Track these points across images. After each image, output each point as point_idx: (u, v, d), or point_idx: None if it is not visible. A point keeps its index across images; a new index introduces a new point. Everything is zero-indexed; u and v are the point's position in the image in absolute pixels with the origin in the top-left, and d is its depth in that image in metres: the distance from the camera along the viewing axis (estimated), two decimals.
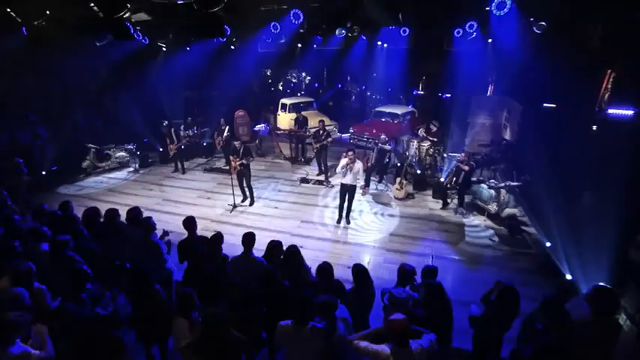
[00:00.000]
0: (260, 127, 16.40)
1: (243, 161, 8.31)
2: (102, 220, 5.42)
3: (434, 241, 7.23)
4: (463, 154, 8.28)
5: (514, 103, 10.21)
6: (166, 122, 10.95)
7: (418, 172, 9.71)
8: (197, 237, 5.13)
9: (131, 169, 11.52)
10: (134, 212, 5.35)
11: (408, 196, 9.17)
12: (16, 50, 8.95)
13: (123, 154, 11.47)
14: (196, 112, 13.96)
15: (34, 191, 8.70)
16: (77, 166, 10.66)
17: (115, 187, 10.25)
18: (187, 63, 13.05)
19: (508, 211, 7.70)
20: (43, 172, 9.84)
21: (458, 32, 9.30)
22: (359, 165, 7.16)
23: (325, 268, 4.10)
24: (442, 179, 9.03)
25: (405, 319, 2.97)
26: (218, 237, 4.75)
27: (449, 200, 8.76)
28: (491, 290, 3.87)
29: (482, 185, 8.20)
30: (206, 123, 13.32)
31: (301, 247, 4.47)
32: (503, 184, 7.72)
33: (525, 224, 7.86)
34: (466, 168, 8.10)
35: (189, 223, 5.12)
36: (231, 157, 8.54)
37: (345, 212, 7.69)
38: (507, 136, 10.53)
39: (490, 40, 9.96)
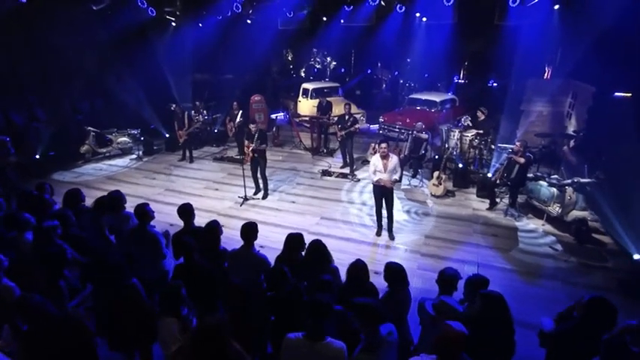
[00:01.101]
0: (279, 115, 16.04)
1: (257, 146, 8.01)
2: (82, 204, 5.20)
3: (478, 246, 6.72)
4: (518, 144, 7.55)
5: (583, 86, 9.37)
6: (175, 105, 10.73)
7: (460, 166, 9.13)
8: (194, 228, 4.81)
9: (134, 156, 11.44)
10: (114, 196, 5.07)
11: (448, 194, 8.71)
12: (13, 24, 8.86)
13: (126, 139, 11.37)
14: (207, 96, 13.75)
15: (27, 177, 8.62)
16: (76, 151, 10.64)
17: (114, 175, 10.16)
18: (199, 40, 12.87)
19: (575, 213, 6.91)
20: (38, 156, 9.74)
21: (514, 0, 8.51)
22: (395, 160, 6.40)
23: (357, 268, 3.66)
24: (489, 174, 8.42)
25: (464, 331, 2.57)
26: (214, 227, 4.45)
27: (497, 199, 8.23)
28: (573, 307, 3.20)
29: (542, 182, 7.46)
30: (218, 108, 13.10)
31: None
32: (569, 181, 6.91)
33: (598, 231, 7.08)
34: (521, 160, 7.37)
35: (185, 211, 4.80)
36: (246, 142, 8.29)
37: (387, 223, 6.88)
38: (572, 125, 9.69)
39: (557, 7, 9.08)
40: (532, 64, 11.31)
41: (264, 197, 8.56)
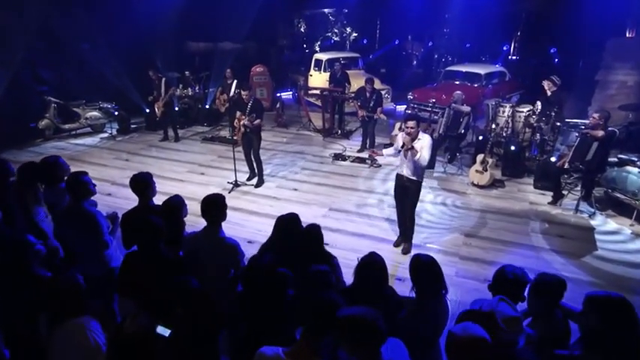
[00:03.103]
0: (286, 94, 15.59)
1: (251, 121, 7.61)
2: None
3: (537, 249, 6.19)
4: (596, 117, 6.75)
5: None
6: (151, 71, 10.34)
7: (512, 149, 8.50)
8: (152, 205, 4.27)
9: (106, 134, 11.24)
10: (49, 162, 4.61)
11: (495, 183, 8.21)
12: None
13: (96, 114, 11.03)
14: (198, 65, 13.41)
15: None
16: (34, 126, 10.36)
17: (77, 155, 9.87)
18: (192, 2, 12.41)
19: None
20: None
21: None
22: (426, 141, 5.34)
23: (370, 265, 3.18)
24: (553, 159, 7.79)
25: None
26: (176, 204, 4.01)
27: (564, 191, 7.64)
28: None
29: (630, 168, 6.67)
30: (211, 81, 12.76)
31: (326, 244, 3.90)
32: None
33: None
34: (599, 134, 6.52)
35: (140, 182, 4.23)
36: (237, 114, 7.94)
37: (408, 228, 6.05)
38: None
39: None
40: (610, 23, 10.56)
41: (258, 184, 8.23)
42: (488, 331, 2.20)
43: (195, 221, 4.45)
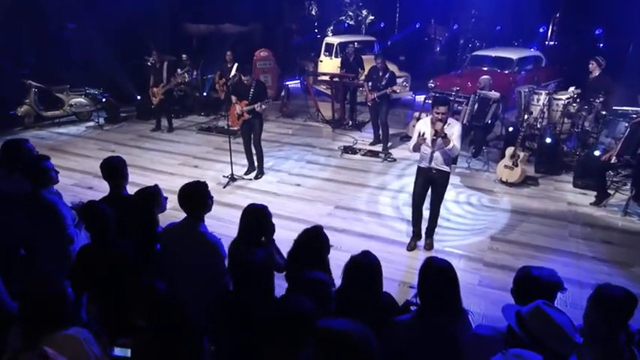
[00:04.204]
0: (294, 83, 15.53)
1: (255, 107, 7.55)
2: None
3: (579, 256, 5.95)
4: None
5: None
6: (154, 54, 10.32)
7: (548, 141, 8.28)
8: (126, 195, 4.22)
9: (92, 123, 11.25)
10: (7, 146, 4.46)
11: (527, 181, 8.06)
12: None
13: (82, 100, 11.03)
14: (196, 48, 13.40)
15: None
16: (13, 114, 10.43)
17: (59, 145, 9.92)
18: None
19: None
20: None
21: None
22: (457, 128, 5.34)
23: (360, 265, 2.99)
24: (597, 153, 7.58)
25: None
26: (152, 193, 3.86)
27: (609, 190, 7.44)
28: None
29: None
30: (209, 66, 12.69)
31: (331, 246, 3.71)
32: None
33: None
34: None
35: (112, 167, 4.16)
36: (234, 100, 7.94)
37: (427, 224, 6.01)
38: None
39: None
40: None
41: (258, 176, 8.24)
42: None
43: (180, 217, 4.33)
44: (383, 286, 3.03)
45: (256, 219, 3.48)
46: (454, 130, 5.30)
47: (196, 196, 3.49)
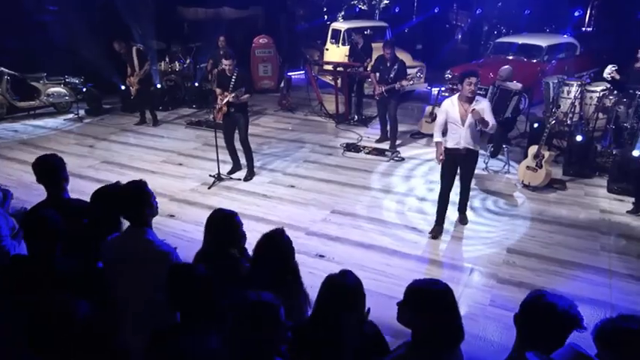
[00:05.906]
0: (298, 74, 15.58)
1: (238, 95, 7.48)
2: None
3: (612, 274, 5.77)
4: None
5: None
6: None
7: (578, 139, 8.20)
8: (67, 199, 4.04)
9: (71, 115, 11.34)
10: None
11: (553, 184, 7.96)
12: None
13: (60, 90, 11.09)
14: (188, 34, 13.50)
15: None
16: None
17: (32, 140, 9.99)
18: None
19: None
20: None
21: None
22: (486, 104, 6.04)
23: (336, 285, 2.83)
24: (636, 153, 7.49)
25: None
26: (106, 193, 3.76)
27: None
28: None
29: None
30: (202, 53, 12.76)
31: (322, 256, 4.31)
32: None
33: None
34: None
35: (48, 166, 3.96)
36: (217, 91, 7.94)
37: (459, 199, 6.70)
38: None
39: None
40: None
41: (247, 178, 8.14)
42: None
43: (160, 222, 4.14)
44: (366, 313, 2.85)
45: (224, 228, 3.36)
46: (484, 105, 5.92)
47: (135, 198, 3.28)
